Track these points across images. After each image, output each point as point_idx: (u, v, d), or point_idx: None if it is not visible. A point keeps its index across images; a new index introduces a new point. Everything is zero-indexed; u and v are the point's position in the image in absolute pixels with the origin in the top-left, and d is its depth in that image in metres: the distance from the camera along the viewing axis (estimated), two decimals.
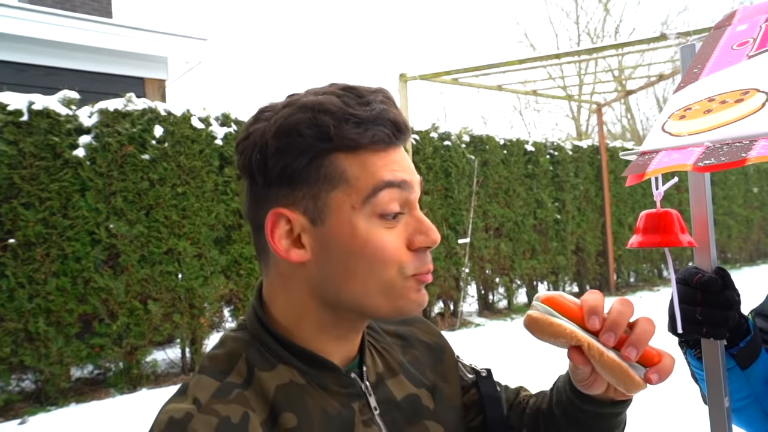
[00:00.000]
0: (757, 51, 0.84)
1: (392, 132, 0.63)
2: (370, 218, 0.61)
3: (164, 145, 5.35)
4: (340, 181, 0.61)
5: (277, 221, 0.63)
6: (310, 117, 0.61)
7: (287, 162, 0.61)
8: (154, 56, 7.59)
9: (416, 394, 0.74)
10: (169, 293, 5.32)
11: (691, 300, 0.89)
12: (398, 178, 0.62)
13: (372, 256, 0.61)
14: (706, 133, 0.75)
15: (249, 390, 0.62)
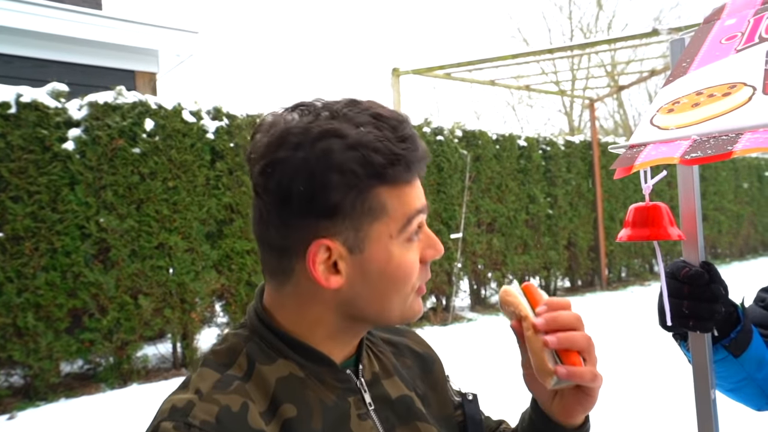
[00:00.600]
0: (745, 45, 0.83)
1: (423, 166, 0.68)
2: (404, 244, 0.67)
3: (155, 139, 5.31)
4: (381, 214, 0.65)
5: (318, 251, 0.65)
6: (362, 156, 0.62)
7: (336, 197, 0.63)
8: (145, 49, 7.52)
9: (409, 396, 0.76)
10: (160, 288, 5.29)
11: (678, 293, 0.91)
12: (423, 204, 0.69)
13: (402, 277, 0.67)
14: (693, 127, 0.75)
15: (249, 383, 0.64)
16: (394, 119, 0.66)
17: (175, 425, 0.58)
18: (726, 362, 0.99)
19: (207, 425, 0.58)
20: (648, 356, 5.06)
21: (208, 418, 0.59)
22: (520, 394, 3.80)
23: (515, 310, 0.72)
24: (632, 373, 4.68)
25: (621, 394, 4.07)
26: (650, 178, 0.96)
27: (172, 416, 0.59)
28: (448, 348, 5.85)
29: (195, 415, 0.59)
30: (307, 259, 0.64)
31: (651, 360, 4.94)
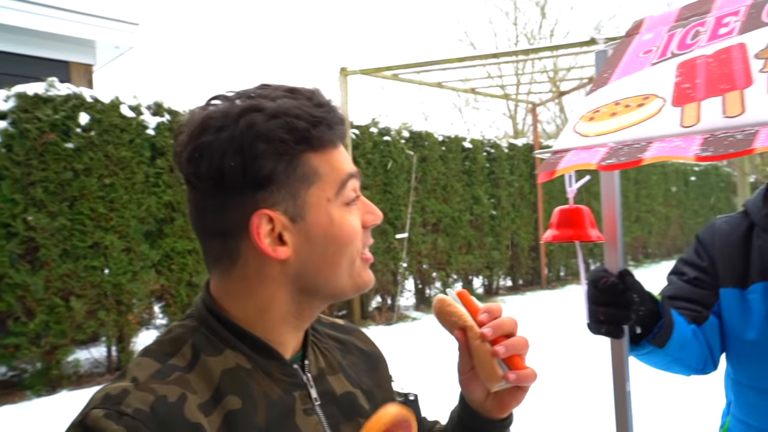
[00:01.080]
0: (659, 59, 0.89)
1: (342, 132, 0.71)
2: (342, 207, 0.69)
3: (90, 134, 5.08)
4: (315, 179, 0.67)
5: (260, 223, 0.65)
6: (285, 122, 0.64)
7: (269, 166, 0.64)
8: (80, 39, 7.17)
9: (353, 393, 0.76)
10: (94, 289, 5.07)
11: (596, 300, 0.98)
12: (354, 169, 0.71)
13: (346, 239, 0.69)
14: (610, 135, 0.80)
15: (192, 373, 0.63)
16: (307, 90, 0.69)
17: (106, 413, 0.56)
18: (652, 353, 1.08)
19: (140, 414, 0.56)
20: (580, 352, 5.27)
21: (143, 407, 0.57)
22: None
23: (458, 320, 0.74)
24: (565, 368, 4.86)
25: (553, 389, 4.23)
26: (575, 181, 1.01)
27: (104, 404, 0.57)
28: (393, 347, 5.90)
29: (129, 404, 0.57)
30: (251, 233, 0.64)
31: (583, 355, 5.15)
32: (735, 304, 1.13)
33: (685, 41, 0.88)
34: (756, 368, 1.11)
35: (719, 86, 0.74)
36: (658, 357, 1.10)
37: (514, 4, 19.02)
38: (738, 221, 1.21)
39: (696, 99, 0.75)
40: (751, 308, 1.10)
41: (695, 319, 1.15)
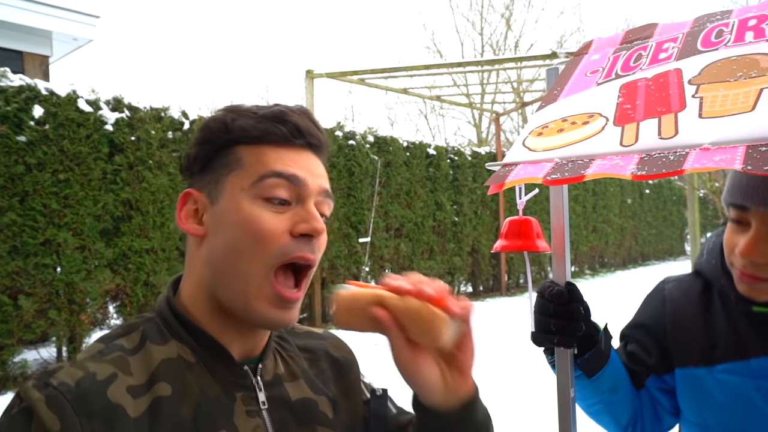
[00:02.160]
0: (604, 79, 0.94)
1: (290, 132, 0.70)
2: (255, 199, 0.68)
3: (44, 128, 4.91)
4: (237, 167, 0.70)
5: (186, 200, 0.72)
6: (221, 114, 0.72)
7: (200, 152, 0.72)
8: (36, 29, 6.92)
9: (314, 400, 0.75)
10: (44, 287, 4.90)
11: (546, 311, 0.98)
12: (288, 171, 0.69)
13: (254, 233, 0.66)
14: (556, 150, 0.84)
15: (134, 357, 0.66)
16: (289, 107, 0.73)
17: (35, 384, 0.60)
18: (581, 380, 1.06)
19: (63, 386, 0.60)
20: (536, 357, 5.39)
21: (68, 381, 0.60)
22: None
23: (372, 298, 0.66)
24: (520, 372, 4.97)
25: (508, 392, 4.31)
26: (524, 194, 1.05)
27: (38, 378, 0.61)
28: (353, 350, 5.89)
29: (57, 377, 0.60)
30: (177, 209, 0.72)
31: (538, 361, 5.27)
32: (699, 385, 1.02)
33: (629, 63, 0.93)
34: None
35: (656, 108, 0.79)
36: (586, 390, 1.06)
37: (480, 15, 19.35)
38: (690, 284, 1.10)
39: (635, 119, 0.80)
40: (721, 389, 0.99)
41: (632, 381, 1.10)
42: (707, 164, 0.64)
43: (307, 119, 0.73)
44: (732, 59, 0.78)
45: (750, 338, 0.97)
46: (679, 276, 1.15)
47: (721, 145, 0.66)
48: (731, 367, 0.98)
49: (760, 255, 0.88)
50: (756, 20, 0.82)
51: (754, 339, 0.97)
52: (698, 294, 1.08)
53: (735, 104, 0.70)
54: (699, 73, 0.80)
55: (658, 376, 1.09)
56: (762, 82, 0.70)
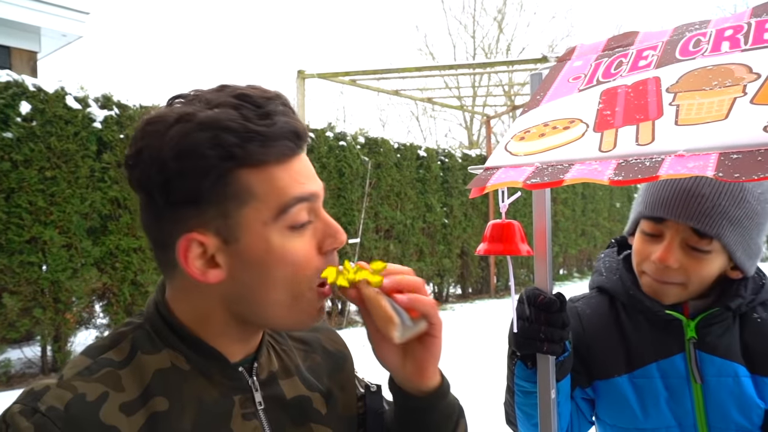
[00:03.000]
0: (586, 86, 0.95)
1: (295, 143, 0.63)
2: (283, 231, 0.63)
3: (32, 124, 4.87)
4: (249, 198, 0.61)
5: (189, 247, 0.62)
6: (212, 136, 0.59)
7: (192, 184, 0.60)
8: (24, 24, 6.86)
9: (308, 397, 0.75)
10: (29, 286, 4.85)
11: (536, 319, 0.99)
12: (307, 192, 0.64)
13: (290, 268, 0.63)
14: (537, 155, 0.85)
15: (125, 370, 0.63)
16: (260, 96, 0.63)
17: (22, 409, 0.57)
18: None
19: (52, 412, 0.56)
20: None
21: (57, 405, 0.57)
22: None
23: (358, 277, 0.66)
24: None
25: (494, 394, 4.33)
26: (507, 197, 1.06)
27: (24, 399, 0.58)
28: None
29: (45, 401, 0.57)
30: (178, 255, 0.62)
31: None
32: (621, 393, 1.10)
33: (610, 70, 0.94)
34: None
35: (635, 115, 0.80)
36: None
37: (472, 18, 19.43)
38: (597, 301, 1.19)
39: (614, 126, 0.81)
40: (640, 393, 1.08)
41: None
42: (681, 171, 0.65)
43: (294, 114, 0.65)
44: (708, 68, 0.79)
45: (657, 343, 1.08)
46: (584, 295, 1.25)
47: (695, 153, 0.67)
48: (645, 371, 1.08)
49: (674, 261, 1.00)
50: (732, 30, 0.83)
51: (660, 343, 1.08)
52: (607, 309, 1.17)
53: (710, 112, 0.71)
54: (677, 81, 0.81)
55: (582, 388, 1.17)
56: (735, 92, 0.72)
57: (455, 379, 3.24)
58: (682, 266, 1.01)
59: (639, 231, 1.08)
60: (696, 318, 1.06)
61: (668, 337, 1.08)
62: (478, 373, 4.96)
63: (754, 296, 1.06)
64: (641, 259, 1.07)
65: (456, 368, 5.55)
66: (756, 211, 0.99)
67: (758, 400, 1.02)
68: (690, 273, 1.01)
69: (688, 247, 1.00)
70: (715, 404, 1.03)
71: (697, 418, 1.04)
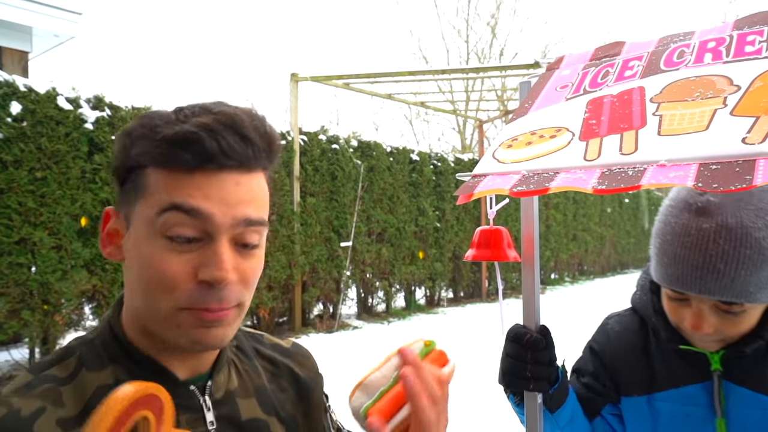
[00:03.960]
0: (573, 95, 0.96)
1: (195, 156, 0.59)
2: (156, 237, 0.60)
3: (22, 125, 4.84)
4: (145, 193, 0.62)
5: (107, 219, 0.67)
6: (146, 132, 0.62)
7: (117, 164, 0.65)
8: (16, 24, 6.82)
9: (265, 421, 0.73)
10: (18, 287, 4.81)
11: (522, 357, 1.00)
12: (189, 205, 0.59)
13: (156, 274, 0.60)
14: (524, 163, 0.86)
15: (67, 386, 0.62)
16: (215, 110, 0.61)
17: None
18: (543, 415, 1.08)
19: None
20: None
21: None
22: None
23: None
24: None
25: (487, 399, 4.34)
26: (495, 204, 1.07)
27: None
28: (334, 355, 5.89)
29: None
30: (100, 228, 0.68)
31: None
32: (641, 412, 1.10)
33: (596, 80, 0.96)
34: None
35: (619, 125, 0.82)
36: (546, 424, 1.09)
37: (466, 23, 19.51)
38: (629, 320, 1.17)
39: (599, 135, 0.82)
40: (659, 416, 1.07)
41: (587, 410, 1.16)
42: (662, 180, 0.67)
43: (230, 133, 0.61)
44: (691, 79, 0.81)
45: (680, 370, 1.06)
46: (620, 312, 1.22)
47: (676, 163, 0.69)
48: (667, 395, 1.06)
49: (708, 327, 0.95)
50: (715, 43, 0.85)
51: (684, 371, 1.05)
52: (636, 330, 1.15)
53: (691, 123, 0.73)
54: (660, 91, 0.83)
55: (613, 404, 1.16)
56: (716, 103, 0.73)
57: None
58: (717, 329, 0.95)
59: (663, 291, 1.03)
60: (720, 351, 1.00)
61: (694, 365, 1.03)
62: (470, 377, 4.97)
63: None
64: (676, 320, 1.01)
65: None
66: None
67: None
68: (728, 331, 0.95)
69: (719, 310, 0.94)
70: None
71: None
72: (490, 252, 1.01)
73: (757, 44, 0.80)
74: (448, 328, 7.74)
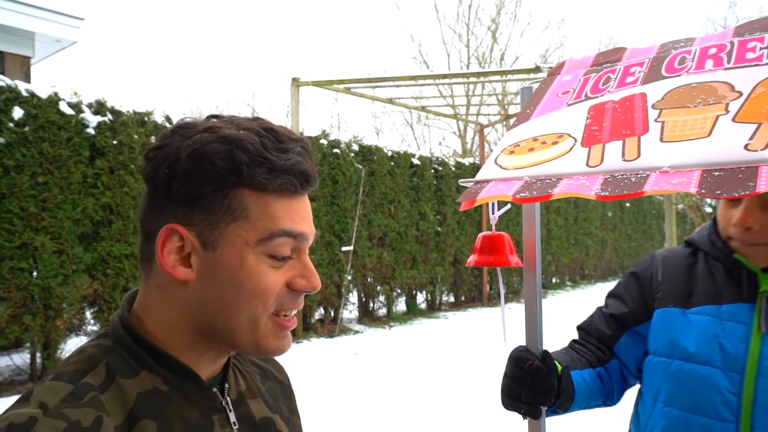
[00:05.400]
0: (575, 100, 0.97)
1: (300, 182, 0.67)
2: (261, 256, 0.65)
3: (24, 129, 4.86)
4: (241, 217, 0.64)
5: (170, 236, 0.65)
6: (227, 150, 0.63)
7: (194, 185, 0.64)
8: (18, 29, 6.84)
9: (272, 418, 0.76)
10: (20, 292, 4.81)
11: (521, 382, 1.02)
12: (296, 230, 0.67)
13: (254, 289, 0.64)
14: (527, 169, 0.86)
15: (105, 394, 0.61)
16: (284, 134, 0.67)
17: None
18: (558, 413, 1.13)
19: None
20: None
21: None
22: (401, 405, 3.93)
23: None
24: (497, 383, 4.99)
25: (486, 403, 4.33)
26: (497, 209, 1.07)
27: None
28: (335, 360, 5.88)
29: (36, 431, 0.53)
30: (156, 241, 0.64)
31: None
32: (674, 322, 1.13)
33: (598, 86, 0.96)
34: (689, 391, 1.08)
35: (621, 131, 0.82)
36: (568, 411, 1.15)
37: (467, 27, 19.54)
38: (679, 249, 1.23)
39: (601, 141, 0.83)
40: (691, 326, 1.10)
41: (600, 360, 1.20)
42: (665, 187, 0.67)
43: (311, 159, 0.69)
44: (693, 86, 0.81)
45: (724, 288, 1.09)
46: (669, 248, 1.28)
47: (678, 169, 0.69)
48: (704, 309, 1.09)
49: (754, 221, 0.99)
50: (716, 49, 0.85)
51: (728, 288, 1.08)
52: (686, 255, 1.20)
53: (693, 129, 0.73)
54: (662, 97, 0.83)
55: (634, 327, 1.20)
56: (718, 109, 0.73)
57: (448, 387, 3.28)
58: (763, 226, 0.99)
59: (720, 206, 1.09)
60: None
61: (742, 287, 1.07)
62: (471, 380, 4.96)
63: None
64: (725, 224, 1.07)
65: (449, 376, 5.55)
66: None
67: None
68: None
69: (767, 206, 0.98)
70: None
71: (747, 366, 1.01)
72: (493, 258, 1.01)
73: (758, 51, 0.80)
74: (449, 333, 7.73)
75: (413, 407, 4.34)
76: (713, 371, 1.04)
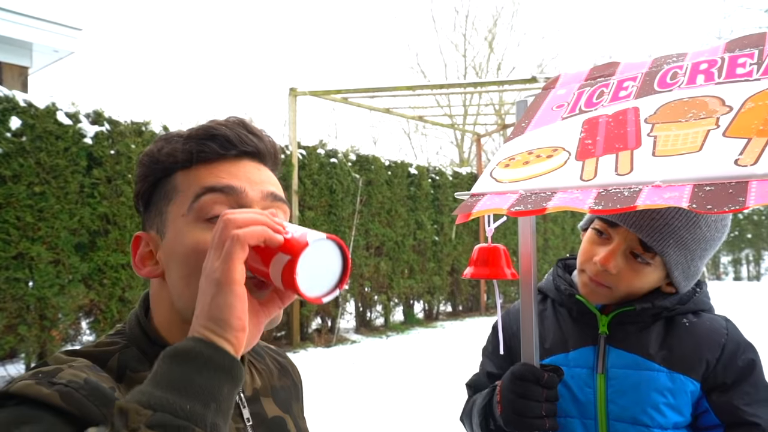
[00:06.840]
0: (569, 114, 0.98)
1: (219, 145, 0.67)
2: (196, 223, 0.65)
3: (21, 139, 4.86)
4: (173, 195, 0.67)
5: (137, 243, 0.70)
6: (150, 147, 0.70)
7: (141, 189, 0.70)
8: (16, 40, 6.86)
9: (283, 417, 0.77)
10: (15, 302, 4.79)
11: (536, 397, 0.98)
12: (221, 183, 0.66)
13: (202, 256, 0.61)
14: (521, 182, 0.87)
15: (120, 385, 0.63)
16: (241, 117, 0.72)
17: (37, 381, 0.54)
18: None
19: (73, 383, 0.55)
20: None
21: (75, 379, 0.56)
22: (398, 415, 3.91)
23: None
24: None
25: None
26: (492, 222, 1.08)
27: (34, 376, 0.56)
28: (332, 369, 5.86)
29: (61, 377, 0.56)
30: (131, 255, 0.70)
31: None
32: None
33: (592, 100, 0.97)
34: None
35: (615, 145, 0.83)
36: None
37: (463, 37, 19.68)
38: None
39: (595, 155, 0.83)
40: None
41: None
42: (657, 201, 0.67)
43: (241, 128, 0.70)
44: (684, 100, 0.82)
45: (570, 334, 1.13)
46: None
47: (670, 183, 0.70)
48: (555, 359, 1.12)
49: (614, 267, 1.03)
50: (707, 64, 0.87)
51: (574, 333, 1.13)
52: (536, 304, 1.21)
53: (685, 144, 0.74)
54: (654, 112, 0.84)
55: None
56: (709, 124, 0.74)
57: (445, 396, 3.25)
58: (619, 273, 1.04)
59: (591, 227, 1.11)
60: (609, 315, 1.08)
61: (584, 331, 1.11)
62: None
63: (677, 305, 1.08)
64: (585, 259, 1.10)
65: (446, 386, 5.53)
66: (705, 237, 1.01)
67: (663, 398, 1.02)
68: (624, 281, 1.04)
69: (631, 255, 1.03)
70: (616, 396, 1.04)
71: (598, 409, 1.06)
72: (489, 270, 1.02)
73: (747, 66, 0.82)
74: (446, 342, 7.71)
75: (410, 417, 4.32)
76: (571, 421, 1.08)
